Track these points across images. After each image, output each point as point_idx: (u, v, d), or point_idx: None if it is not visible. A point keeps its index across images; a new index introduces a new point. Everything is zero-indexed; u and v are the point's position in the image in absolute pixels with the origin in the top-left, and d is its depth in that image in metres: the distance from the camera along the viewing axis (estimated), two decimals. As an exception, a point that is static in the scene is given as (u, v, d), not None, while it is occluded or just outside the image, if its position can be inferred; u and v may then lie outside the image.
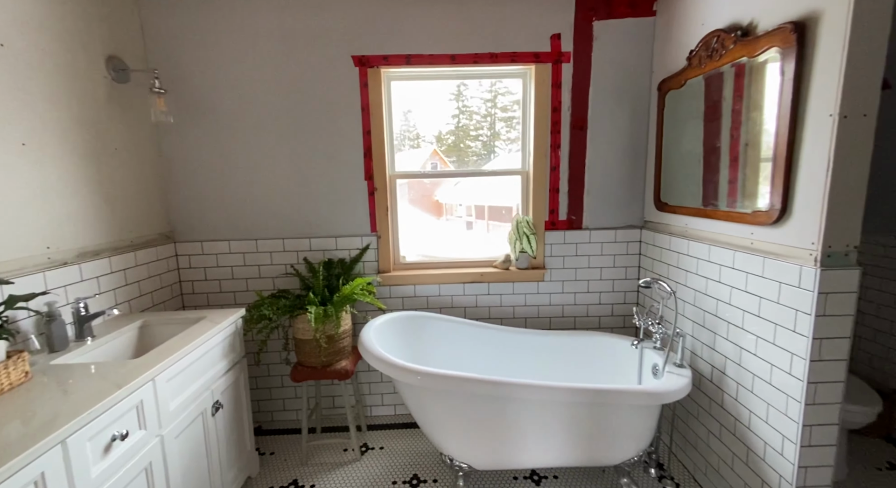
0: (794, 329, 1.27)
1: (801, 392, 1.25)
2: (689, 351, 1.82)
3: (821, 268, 1.19)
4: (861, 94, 1.11)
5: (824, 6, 1.16)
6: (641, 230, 2.24)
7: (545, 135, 2.16)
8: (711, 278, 1.66)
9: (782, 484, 1.33)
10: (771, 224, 1.35)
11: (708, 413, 1.70)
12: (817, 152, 1.19)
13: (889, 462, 1.91)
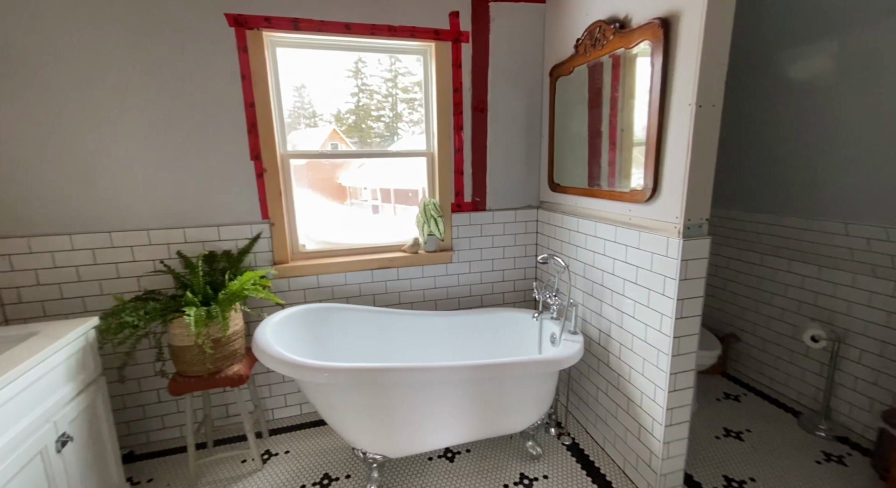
0: (664, 293, 1.46)
1: (669, 346, 1.46)
2: (582, 318, 2.00)
3: (683, 239, 1.37)
4: (711, 86, 1.29)
5: (683, 6, 1.30)
6: (538, 210, 2.38)
7: (448, 117, 2.14)
8: (598, 252, 1.83)
9: (654, 425, 1.55)
10: (644, 201, 1.52)
11: (597, 372, 1.90)
12: (680, 137, 1.35)
13: (725, 393, 2.37)
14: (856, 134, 1.74)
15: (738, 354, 2.56)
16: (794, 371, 2.24)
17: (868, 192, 1.73)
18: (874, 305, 1.86)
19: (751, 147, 2.20)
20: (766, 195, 2.17)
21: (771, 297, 2.33)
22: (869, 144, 1.70)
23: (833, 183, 1.85)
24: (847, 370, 1.98)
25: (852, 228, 1.81)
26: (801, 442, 1.93)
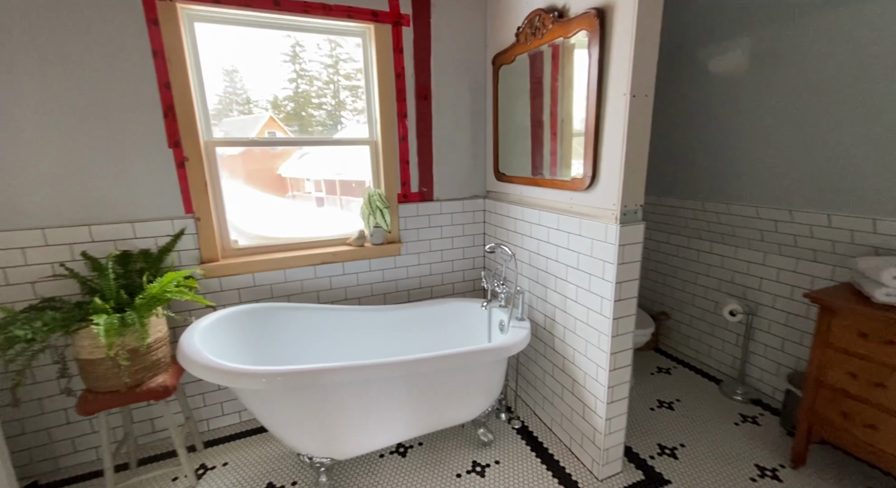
0: (603, 277, 1.52)
1: (609, 327, 1.52)
2: (528, 305, 2.04)
3: (620, 225, 1.43)
4: (644, 77, 1.34)
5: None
6: (485, 199, 2.39)
7: (391, 103, 2.06)
8: (542, 240, 1.87)
9: (597, 403, 1.63)
10: (584, 190, 1.56)
11: (543, 355, 1.96)
12: (616, 127, 1.40)
13: (658, 367, 2.56)
14: (766, 127, 1.91)
15: (668, 330, 2.77)
16: (716, 343, 2.46)
17: (776, 180, 1.91)
18: (781, 280, 2.08)
19: (678, 137, 2.35)
20: (691, 183, 2.33)
21: (696, 277, 2.53)
22: (777, 137, 1.87)
23: (747, 171, 2.02)
24: (759, 339, 2.21)
25: (762, 211, 2.00)
26: (722, 407, 2.13)
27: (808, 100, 1.71)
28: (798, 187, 1.83)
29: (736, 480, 1.67)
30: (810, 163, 1.75)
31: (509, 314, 1.87)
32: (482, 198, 2.39)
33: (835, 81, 1.61)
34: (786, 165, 1.84)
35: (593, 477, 1.69)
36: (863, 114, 1.55)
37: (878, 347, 1.41)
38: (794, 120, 1.78)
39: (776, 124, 1.85)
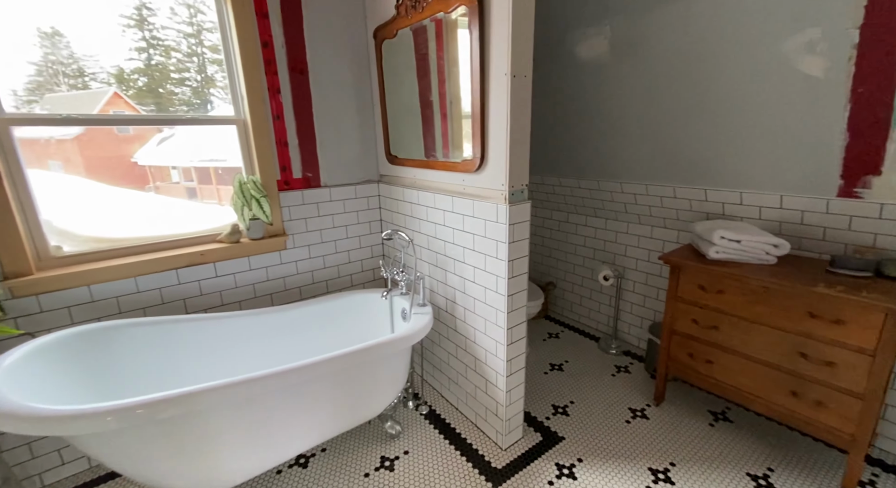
0: (497, 256, 1.55)
1: (504, 304, 1.57)
2: (430, 289, 2.03)
3: (509, 205, 1.46)
4: (522, 57, 1.36)
5: (495, -26, 1.32)
6: (379, 184, 2.28)
7: (259, 76, 1.80)
8: (438, 223, 1.85)
9: (498, 378, 1.69)
10: (475, 171, 1.56)
11: (446, 338, 1.98)
12: (500, 107, 1.41)
13: (548, 333, 2.79)
14: (625, 111, 2.13)
15: (555, 298, 3.03)
16: (594, 305, 2.77)
17: (635, 159, 2.17)
18: (641, 246, 2.40)
19: (555, 121, 2.52)
20: (568, 163, 2.53)
21: (575, 248, 2.80)
22: (634, 120, 2.11)
23: (613, 151, 2.25)
24: (626, 298, 2.55)
25: (626, 186, 2.27)
26: (601, 362, 2.42)
27: (657, 87, 1.94)
28: (651, 165, 2.09)
29: (614, 424, 1.90)
30: (659, 143, 2.01)
31: (411, 301, 1.82)
32: (376, 183, 2.27)
33: (676, 70, 1.85)
34: (642, 146, 2.09)
35: (498, 448, 1.77)
36: (697, 101, 1.81)
37: (712, 297, 1.70)
38: (646, 105, 2.02)
39: (633, 109, 2.08)
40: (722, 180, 1.86)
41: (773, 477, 1.59)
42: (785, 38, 1.37)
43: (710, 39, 1.65)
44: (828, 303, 1.40)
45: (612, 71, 2.08)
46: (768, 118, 1.57)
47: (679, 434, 1.83)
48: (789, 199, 1.69)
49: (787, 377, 1.54)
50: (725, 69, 1.57)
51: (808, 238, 1.70)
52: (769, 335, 1.56)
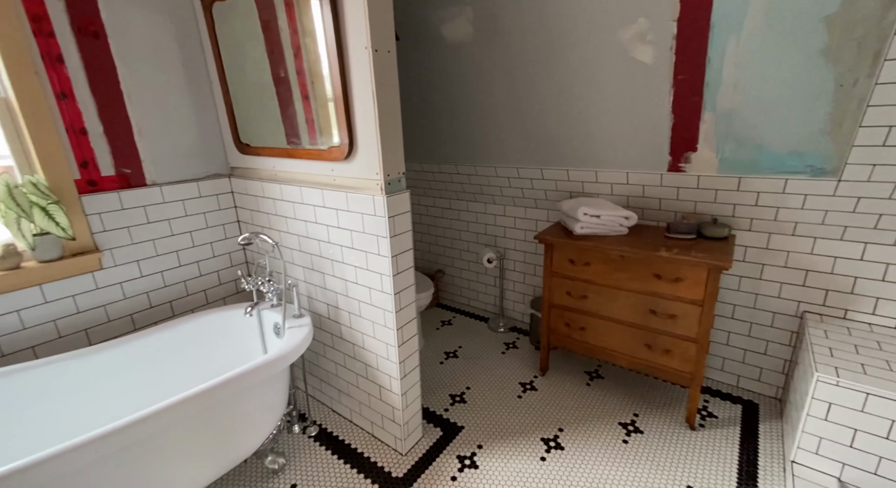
0: (379, 252, 1.42)
1: (392, 304, 1.45)
2: (307, 296, 1.79)
3: (386, 196, 1.33)
4: (383, 30, 1.22)
5: (343, -71, 1.14)
6: (230, 178, 1.92)
7: (20, 37, 1.30)
8: (309, 220, 1.62)
9: (392, 382, 1.58)
10: (345, 159, 1.39)
11: (332, 347, 1.78)
12: (364, 86, 1.25)
13: (441, 321, 2.78)
14: (494, 95, 2.15)
15: (445, 285, 3.04)
16: (480, 287, 2.85)
17: (507, 142, 2.23)
18: (517, 227, 2.52)
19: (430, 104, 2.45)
20: (444, 148, 2.50)
21: (459, 234, 2.82)
22: (503, 104, 2.14)
23: (486, 136, 2.28)
24: (509, 278, 2.67)
25: (500, 170, 2.33)
26: (491, 342, 2.50)
27: (518, 70, 1.98)
28: (520, 148, 2.18)
29: (508, 402, 1.97)
30: (525, 126, 2.08)
31: (283, 313, 1.58)
32: (226, 178, 1.91)
33: (534, 54, 1.87)
34: (511, 129, 2.15)
35: (398, 454, 1.68)
36: (553, 84, 1.90)
37: (580, 269, 1.85)
38: (510, 88, 2.06)
39: (499, 92, 2.11)
40: (580, 160, 2.02)
41: (639, 421, 1.82)
42: (621, 27, 1.50)
43: (562, 24, 1.72)
44: (668, 264, 1.62)
45: (477, 53, 2.05)
46: (612, 101, 1.73)
47: (563, 399, 1.98)
48: (634, 175, 1.91)
49: (642, 332, 1.76)
50: (576, 54, 1.67)
51: (649, 208, 1.96)
52: (627, 298, 1.76)
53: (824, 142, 1.41)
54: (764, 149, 1.54)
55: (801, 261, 1.69)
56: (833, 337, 1.56)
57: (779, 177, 1.57)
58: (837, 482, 1.41)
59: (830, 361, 1.42)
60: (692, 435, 1.73)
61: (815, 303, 1.71)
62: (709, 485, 1.49)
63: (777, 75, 1.36)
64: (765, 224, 1.72)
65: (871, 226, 1.51)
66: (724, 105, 1.50)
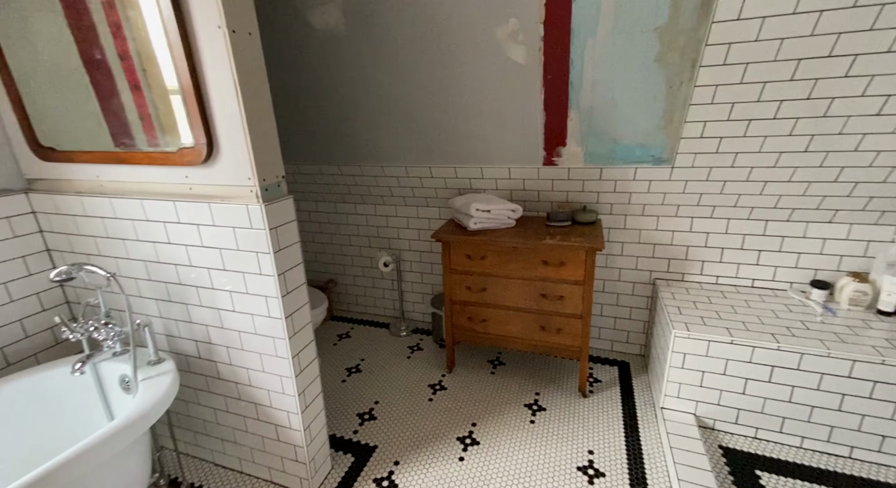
0: (261, 271, 1.21)
1: (283, 329, 1.26)
2: (164, 335, 1.45)
3: (265, 204, 1.13)
4: (240, 8, 1.02)
5: None
6: (27, 195, 1.43)
7: None
8: (160, 241, 1.30)
9: (291, 418, 1.38)
10: (203, 163, 1.13)
11: (208, 391, 1.48)
12: (222, 72, 1.04)
13: (338, 335, 2.58)
14: (376, 87, 2.01)
15: (339, 296, 2.83)
16: (378, 293, 2.73)
17: (393, 140, 2.13)
18: (410, 227, 2.47)
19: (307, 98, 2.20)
20: (325, 148, 2.30)
21: (349, 239, 2.64)
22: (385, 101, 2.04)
23: (371, 133, 2.14)
24: (407, 279, 2.60)
25: (388, 170, 2.24)
26: (395, 347, 2.41)
27: (400, 66, 1.87)
28: (408, 146, 2.11)
29: (419, 407, 1.91)
30: (412, 124, 2.02)
31: (133, 362, 1.23)
32: (21, 194, 1.42)
33: (416, 50, 1.80)
34: (397, 127, 2.06)
35: (310, 494, 1.48)
36: (436, 81, 1.86)
37: (478, 263, 1.88)
38: (392, 85, 1.97)
39: (380, 88, 1.99)
40: (466, 157, 2.05)
41: (541, 399, 1.94)
42: (496, 26, 1.54)
43: (440, 20, 1.69)
44: (553, 251, 1.74)
45: (354, 45, 1.90)
46: (492, 99, 1.78)
47: (472, 392, 2.00)
48: (515, 170, 2.02)
49: (536, 316, 1.88)
50: (456, 52, 1.67)
51: (529, 200, 2.10)
52: (521, 286, 1.85)
53: (661, 136, 1.68)
54: (618, 143, 1.76)
55: (649, 236, 2.01)
56: (678, 297, 1.89)
57: (630, 166, 1.82)
58: (694, 417, 1.71)
59: (680, 318, 1.71)
60: (585, 402, 1.91)
61: (662, 271, 2.05)
62: (604, 445, 1.67)
63: (623, 77, 1.56)
64: (621, 207, 1.98)
65: (695, 204, 1.86)
66: (586, 103, 1.67)
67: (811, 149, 1.53)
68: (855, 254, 1.76)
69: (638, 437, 1.70)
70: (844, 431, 1.52)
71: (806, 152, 1.54)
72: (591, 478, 1.52)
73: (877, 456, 1.50)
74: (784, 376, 1.53)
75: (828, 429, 1.54)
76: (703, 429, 1.69)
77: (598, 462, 1.59)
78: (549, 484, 1.50)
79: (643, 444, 1.66)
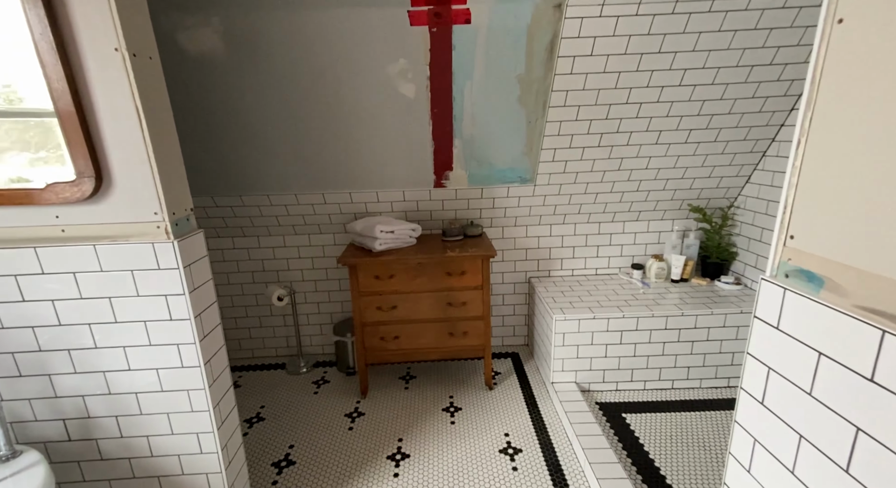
0: (171, 316, 1.07)
1: (201, 377, 1.12)
2: (18, 423, 1.11)
3: (176, 240, 1.02)
4: (139, 31, 0.94)
5: None
6: None
7: None
8: (12, 300, 1.02)
9: (210, 479, 1.21)
10: (88, 199, 0.96)
11: (85, 481, 1.18)
12: (119, 99, 0.92)
13: (224, 386, 2.27)
14: (262, 115, 1.89)
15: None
16: (268, 332, 2.51)
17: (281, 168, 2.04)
18: (302, 256, 2.37)
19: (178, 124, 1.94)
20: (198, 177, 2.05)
21: (228, 276, 2.38)
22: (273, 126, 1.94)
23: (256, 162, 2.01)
24: (302, 312, 2.47)
25: (274, 199, 2.13)
26: (297, 386, 2.26)
27: (288, 95, 1.81)
28: (300, 173, 2.06)
29: (341, 437, 1.86)
30: (303, 152, 1.99)
31: (-20, 463, 0.93)
32: None
33: (305, 81, 1.77)
34: (285, 155, 1.99)
35: (244, 563, 1.31)
36: (329, 112, 1.89)
37: (387, 282, 1.96)
38: (280, 113, 1.91)
39: (267, 116, 1.91)
40: (362, 182, 2.12)
41: (455, 400, 2.10)
42: (387, 64, 1.70)
43: (329, 56, 1.74)
44: (455, 262, 1.95)
45: (236, 72, 1.77)
46: (387, 129, 1.92)
47: (391, 411, 2.04)
48: (409, 193, 2.18)
49: (445, 324, 2.05)
50: (349, 84, 1.75)
51: (424, 220, 2.29)
52: (429, 298, 2.00)
53: (525, 161, 2.07)
54: (494, 166, 2.10)
55: (522, 243, 2.40)
56: (549, 289, 2.31)
57: (504, 186, 2.18)
58: (576, 385, 2.11)
59: (555, 305, 2.11)
60: (492, 394, 2.15)
61: (534, 270, 2.47)
62: (516, 426, 1.91)
63: (495, 113, 1.89)
64: (499, 220, 2.33)
65: (552, 214, 2.32)
66: (468, 133, 1.95)
67: (622, 167, 2.11)
68: (653, 242, 2.45)
69: (539, 411, 2.00)
70: (667, 369, 2.09)
71: (619, 170, 2.12)
72: (511, 457, 1.73)
73: (687, 382, 2.12)
74: (629, 337, 2.03)
75: (658, 371, 2.10)
76: (583, 392, 2.09)
77: (514, 441, 1.82)
78: (480, 472, 1.65)
79: (544, 415, 1.97)
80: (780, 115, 1.92)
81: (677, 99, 1.83)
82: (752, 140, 2.02)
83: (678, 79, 1.76)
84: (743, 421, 0.85)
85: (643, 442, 1.79)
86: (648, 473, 1.62)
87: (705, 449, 1.73)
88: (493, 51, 1.68)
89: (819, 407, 0.67)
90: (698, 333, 2.02)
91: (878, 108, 0.59)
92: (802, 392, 0.70)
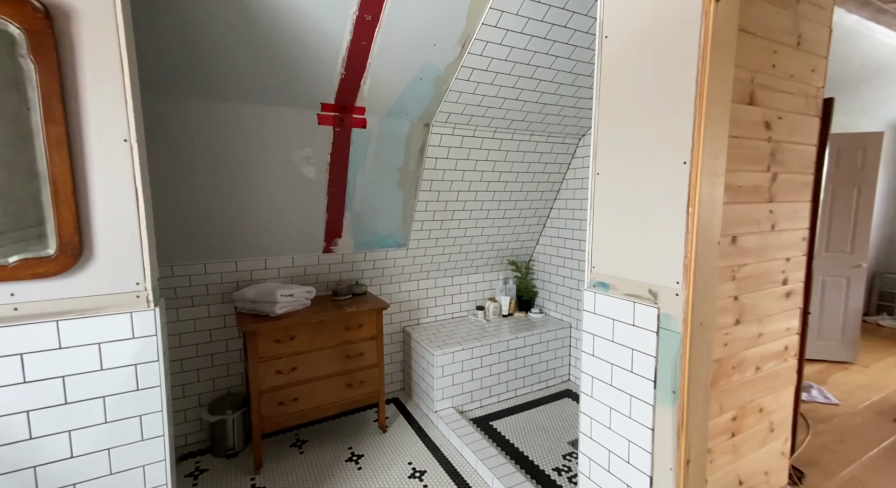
0: (139, 386, 1.06)
1: (163, 448, 1.11)
2: None
3: (156, 307, 1.08)
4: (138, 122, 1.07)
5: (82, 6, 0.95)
6: None
7: None
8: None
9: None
10: (69, 271, 0.96)
11: None
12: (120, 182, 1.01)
13: None
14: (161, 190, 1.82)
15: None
16: (110, 433, 2.07)
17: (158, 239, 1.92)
18: (170, 333, 2.16)
19: None
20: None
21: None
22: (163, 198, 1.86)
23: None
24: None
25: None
26: (168, 485, 1.96)
27: (192, 174, 1.87)
28: (178, 244, 2.01)
29: (253, 515, 1.77)
30: (188, 224, 1.98)
31: None
32: None
33: (211, 163, 1.87)
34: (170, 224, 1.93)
35: None
36: (228, 189, 1.97)
37: (287, 344, 2.06)
38: (171, 185, 1.88)
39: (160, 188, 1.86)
40: (250, 251, 2.20)
41: (355, 449, 2.25)
42: (294, 150, 1.99)
43: (238, 143, 1.89)
44: (354, 317, 2.23)
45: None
46: (283, 203, 2.13)
47: (291, 478, 2.03)
48: (298, 258, 2.36)
49: (344, 377, 2.24)
50: (253, 167, 1.94)
51: (310, 283, 2.47)
52: (329, 354, 2.18)
53: (401, 230, 2.59)
54: (375, 234, 2.53)
55: (397, 297, 2.84)
56: (423, 334, 2.78)
57: (383, 250, 2.62)
58: (453, 409, 2.57)
59: (431, 344, 2.59)
60: (387, 435, 2.39)
61: (407, 320, 2.91)
62: (415, 454, 2.21)
63: (380, 193, 2.37)
64: (378, 279, 2.73)
65: (419, 271, 2.87)
66: (357, 208, 2.35)
67: (466, 234, 2.87)
68: (487, 288, 3.27)
69: (429, 437, 2.36)
70: (512, 382, 2.80)
71: (464, 236, 2.87)
72: (419, 478, 2.02)
73: (524, 389, 2.86)
74: (486, 361, 2.66)
75: (506, 384, 2.78)
76: (460, 413, 2.57)
77: (418, 465, 2.12)
78: (401, 498, 1.88)
79: (434, 439, 2.34)
80: (549, 203, 3.07)
81: (497, 189, 2.73)
82: (538, 217, 3.11)
83: (497, 177, 2.66)
84: (587, 367, 1.49)
85: (508, 438, 2.36)
86: (518, 458, 2.19)
87: (545, 431, 2.43)
88: (381, 149, 2.21)
89: (616, 346, 1.36)
90: (526, 350, 2.82)
91: (615, 220, 1.37)
92: (608, 341, 1.39)
